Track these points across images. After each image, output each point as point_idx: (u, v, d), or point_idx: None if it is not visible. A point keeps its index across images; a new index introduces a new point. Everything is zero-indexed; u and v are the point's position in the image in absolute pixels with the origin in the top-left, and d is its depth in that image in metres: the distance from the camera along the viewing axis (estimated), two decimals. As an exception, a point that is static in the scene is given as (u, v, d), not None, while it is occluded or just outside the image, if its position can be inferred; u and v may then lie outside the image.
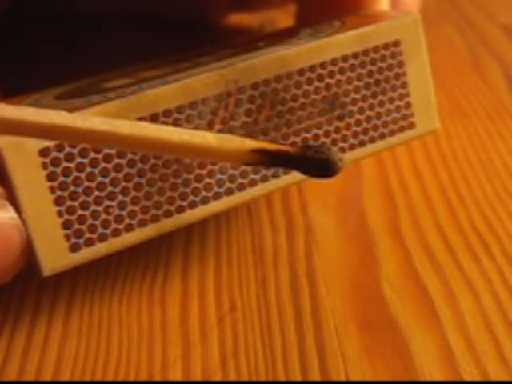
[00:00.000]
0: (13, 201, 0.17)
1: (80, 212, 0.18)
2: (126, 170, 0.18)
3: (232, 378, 0.18)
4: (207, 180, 0.19)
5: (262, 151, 0.16)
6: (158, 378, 0.18)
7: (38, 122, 0.14)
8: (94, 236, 0.18)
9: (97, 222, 0.18)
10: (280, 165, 0.16)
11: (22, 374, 0.18)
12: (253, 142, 0.16)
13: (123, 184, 0.18)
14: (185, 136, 0.15)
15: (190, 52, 0.23)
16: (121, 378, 0.18)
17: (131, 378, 0.18)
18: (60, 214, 0.17)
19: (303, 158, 0.16)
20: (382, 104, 0.20)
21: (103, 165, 0.18)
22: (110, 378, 0.18)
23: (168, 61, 0.22)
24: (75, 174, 0.17)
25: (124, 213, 0.18)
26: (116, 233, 0.18)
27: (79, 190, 0.17)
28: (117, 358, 0.19)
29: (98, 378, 0.18)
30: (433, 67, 0.21)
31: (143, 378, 0.18)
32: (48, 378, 0.18)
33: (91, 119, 0.14)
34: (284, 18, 0.33)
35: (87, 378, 0.18)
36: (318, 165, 0.16)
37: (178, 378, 0.18)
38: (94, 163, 0.17)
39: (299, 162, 0.16)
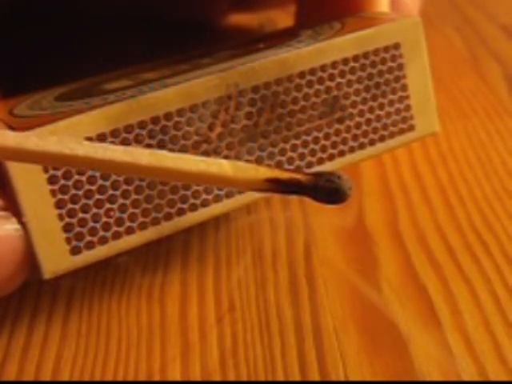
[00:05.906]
0: (13, 207, 0.17)
1: (81, 215, 0.18)
2: None
3: (231, 377, 0.18)
4: None
5: (275, 180, 0.16)
6: (156, 377, 0.18)
7: (60, 152, 0.14)
8: (95, 239, 0.18)
9: (97, 225, 0.18)
10: (291, 192, 0.16)
11: (21, 373, 0.18)
12: (266, 171, 0.16)
13: (124, 187, 0.18)
14: (201, 165, 0.16)
15: (190, 53, 0.23)
16: (120, 377, 0.18)
17: (130, 377, 0.18)
18: (61, 217, 0.17)
19: (314, 187, 0.16)
20: (381, 106, 0.20)
21: None
22: (109, 378, 0.18)
23: (168, 62, 0.22)
24: (76, 177, 0.17)
25: (125, 216, 0.18)
26: (116, 236, 0.18)
27: (80, 193, 0.17)
28: (116, 357, 0.19)
29: (97, 377, 0.18)
30: (432, 67, 0.21)
31: (142, 376, 0.18)
32: (47, 378, 0.18)
33: (111, 149, 0.15)
34: (284, 18, 0.33)
35: (86, 378, 0.18)
36: (329, 193, 0.16)
37: (177, 377, 0.18)
38: None
39: (310, 191, 0.16)
